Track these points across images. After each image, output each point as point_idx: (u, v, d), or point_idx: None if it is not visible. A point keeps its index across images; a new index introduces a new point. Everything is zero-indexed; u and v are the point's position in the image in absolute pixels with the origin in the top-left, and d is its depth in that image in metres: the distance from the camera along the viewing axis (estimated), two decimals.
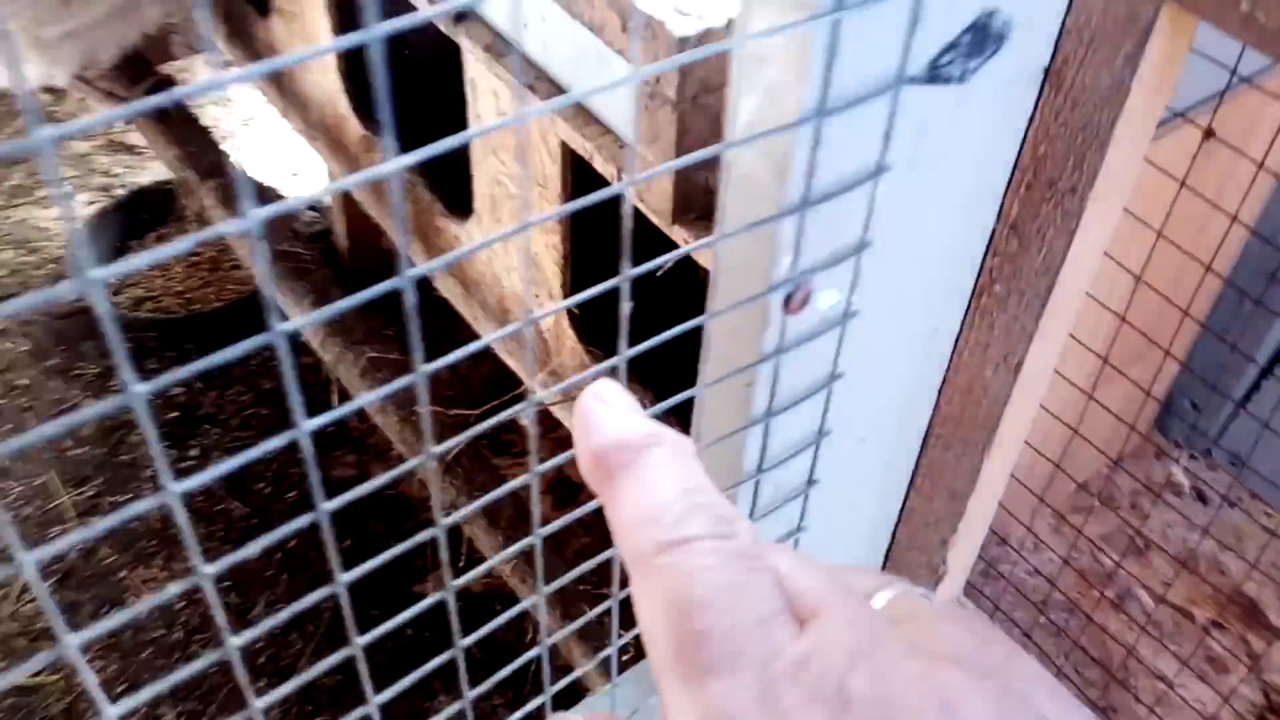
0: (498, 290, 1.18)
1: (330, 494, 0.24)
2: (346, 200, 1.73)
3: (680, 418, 0.37)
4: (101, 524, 0.19)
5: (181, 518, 0.21)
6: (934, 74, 0.39)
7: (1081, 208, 0.68)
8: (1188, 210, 0.97)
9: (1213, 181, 1.01)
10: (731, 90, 0.39)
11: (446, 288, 1.25)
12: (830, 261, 0.42)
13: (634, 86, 0.68)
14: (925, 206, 0.46)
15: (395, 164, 0.21)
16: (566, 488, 1.70)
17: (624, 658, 0.82)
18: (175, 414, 1.76)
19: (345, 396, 1.60)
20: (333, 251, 1.83)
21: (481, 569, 0.33)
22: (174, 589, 0.22)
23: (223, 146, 1.56)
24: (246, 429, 1.74)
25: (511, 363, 1.28)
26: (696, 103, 0.70)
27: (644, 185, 0.74)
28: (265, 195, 1.68)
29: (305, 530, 0.24)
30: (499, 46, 0.85)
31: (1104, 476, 1.27)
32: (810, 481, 0.52)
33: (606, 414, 0.26)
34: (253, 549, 0.23)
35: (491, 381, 1.74)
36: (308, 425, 0.24)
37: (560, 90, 0.87)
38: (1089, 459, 1.22)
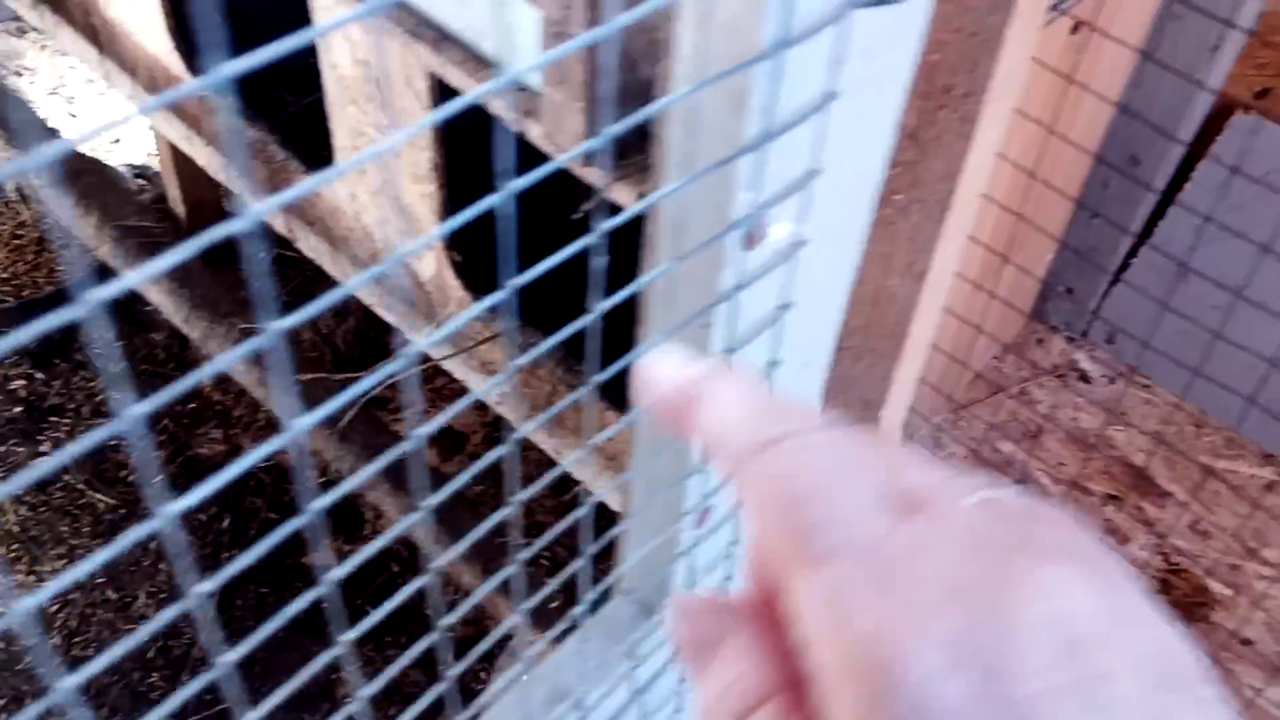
0: (369, 246, 1.13)
1: (200, 472, 0.22)
2: (180, 165, 1.63)
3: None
4: None
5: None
6: None
7: (977, 111, 0.68)
8: (1051, 94, 0.99)
9: (1075, 64, 1.02)
10: (680, 26, 0.36)
11: (311, 246, 1.19)
12: (785, 194, 0.40)
13: (537, 23, 0.64)
14: (867, 128, 0.44)
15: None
16: (452, 437, 1.66)
17: (552, 605, 0.78)
18: (20, 409, 1.66)
19: (224, 378, 1.53)
20: (169, 217, 1.73)
21: (381, 541, 0.31)
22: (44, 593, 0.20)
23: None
24: (100, 416, 1.65)
25: (390, 318, 1.23)
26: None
27: (552, 125, 0.70)
28: (88, 166, 1.57)
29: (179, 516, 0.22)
30: None
31: (993, 367, 1.30)
32: None
33: (668, 360, 0.28)
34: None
35: (361, 341, 1.68)
36: (137, 410, 0.20)
37: (428, 24, 0.82)
38: (979, 351, 1.24)
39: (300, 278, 1.72)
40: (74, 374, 1.69)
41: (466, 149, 0.96)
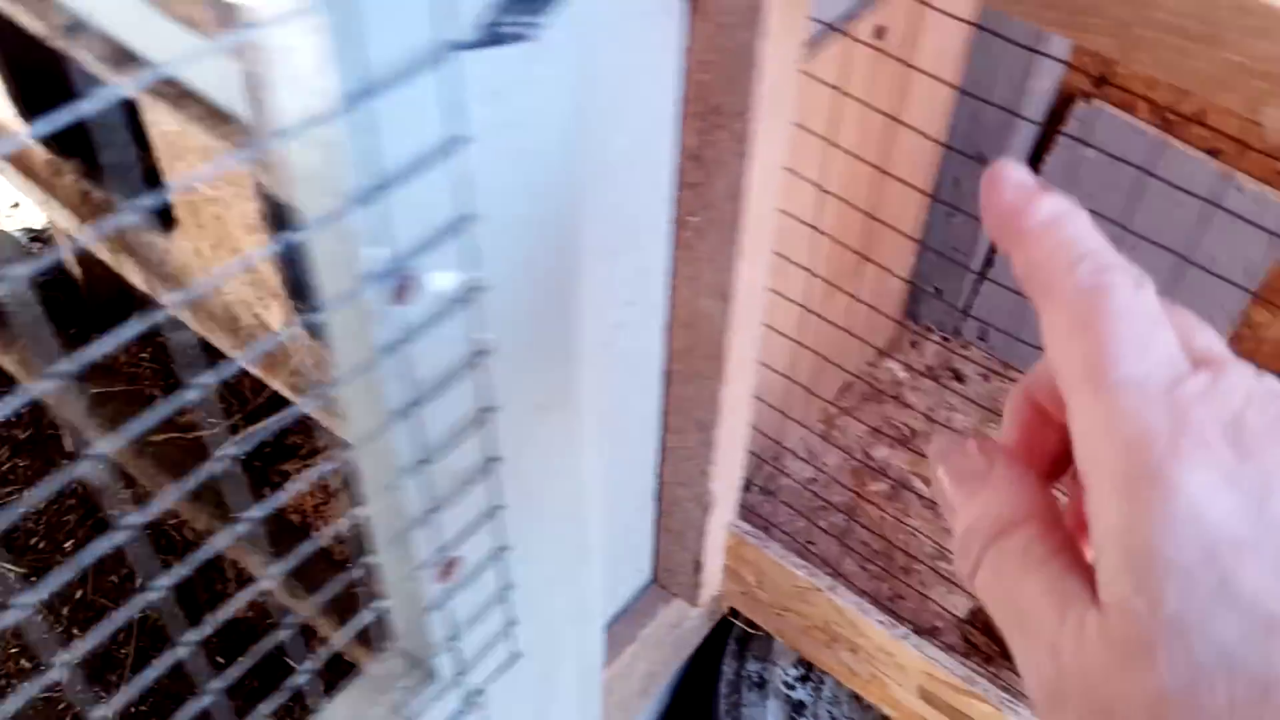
0: (219, 298, 1.12)
1: None
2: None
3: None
4: None
5: None
6: (493, 36, 0.36)
7: (749, 130, 0.67)
8: (892, 94, 0.99)
9: (899, 66, 1.02)
10: (268, 84, 0.36)
11: (171, 302, 1.17)
12: (430, 244, 0.39)
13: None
14: (542, 166, 0.43)
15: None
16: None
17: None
18: None
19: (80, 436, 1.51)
20: (71, 283, 1.71)
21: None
22: None
23: None
24: None
25: (258, 372, 1.21)
26: None
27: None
28: None
29: None
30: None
31: (868, 371, 1.30)
32: (491, 459, 0.50)
33: (1016, 174, 0.31)
34: None
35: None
36: None
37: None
38: (853, 356, 1.24)
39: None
40: None
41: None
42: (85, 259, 1.65)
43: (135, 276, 1.17)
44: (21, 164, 1.21)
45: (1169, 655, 0.24)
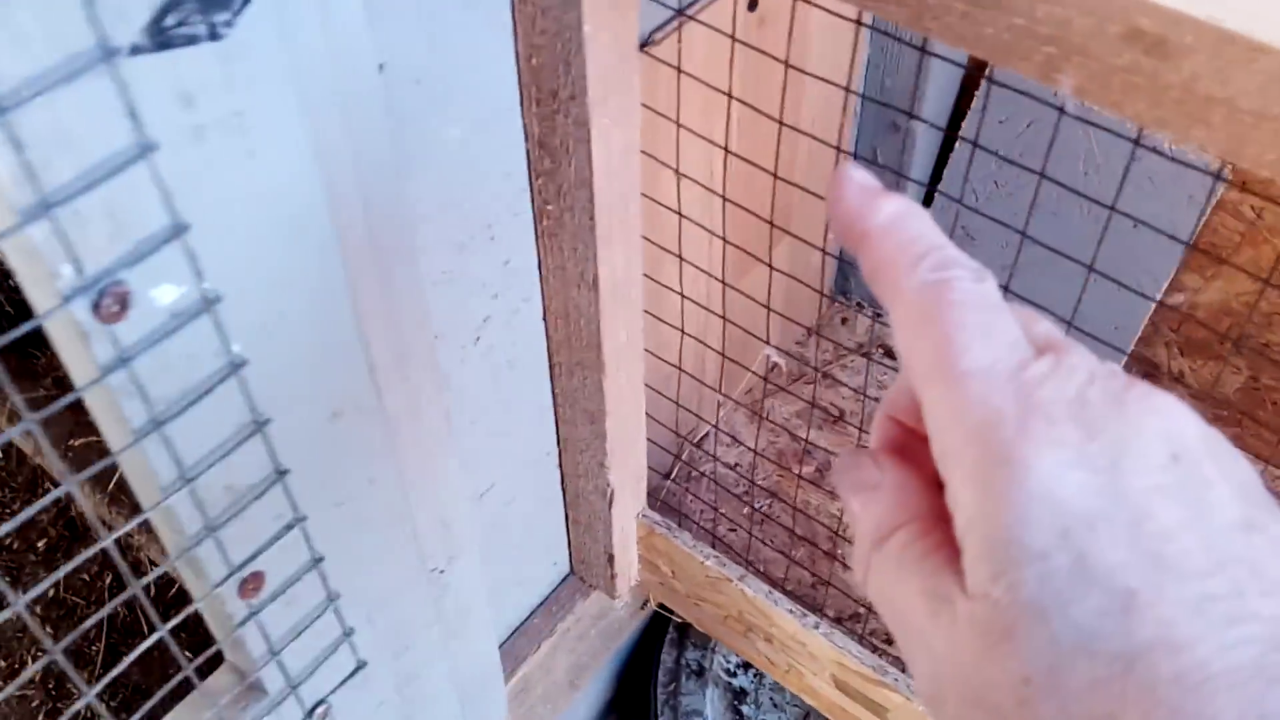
0: None
1: None
2: None
3: None
4: None
5: None
6: (165, 39, 0.34)
7: (586, 113, 0.65)
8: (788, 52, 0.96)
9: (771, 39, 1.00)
10: None
11: None
12: (136, 257, 0.37)
13: None
14: (275, 167, 0.41)
15: None
16: None
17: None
18: None
19: None
20: None
21: None
22: None
23: None
24: None
25: None
26: None
27: None
28: None
29: None
30: None
31: (797, 352, 1.28)
32: (281, 472, 0.48)
33: (859, 176, 0.31)
34: None
35: None
36: None
37: None
38: (780, 336, 1.22)
39: None
40: None
41: None
42: None
43: None
44: None
45: (1030, 639, 0.24)
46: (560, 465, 0.96)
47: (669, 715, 1.27)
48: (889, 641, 1.05)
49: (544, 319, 0.82)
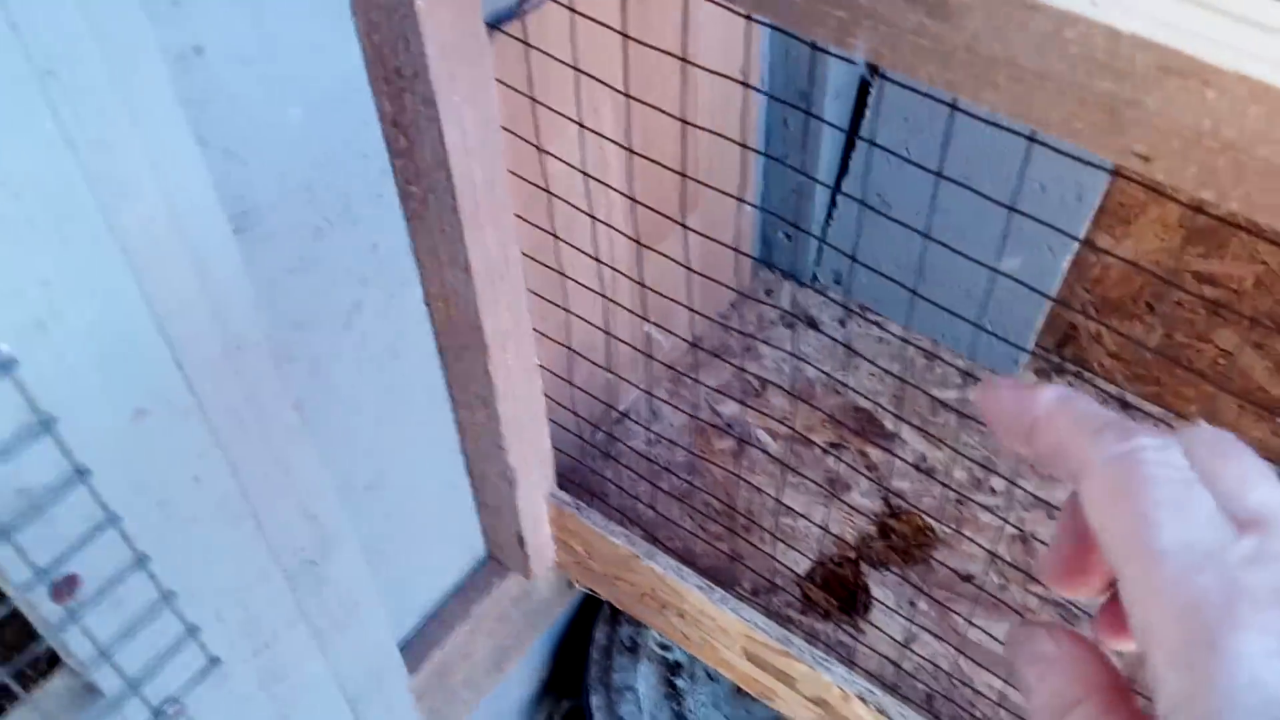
0: None
1: None
2: None
3: None
4: None
5: None
6: None
7: (432, 90, 0.63)
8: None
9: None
10: None
11: None
12: None
13: None
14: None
15: None
16: None
17: None
18: None
19: None
20: None
21: None
22: None
23: None
24: None
25: None
26: None
27: None
28: None
29: None
30: None
31: (719, 325, 1.27)
32: (80, 472, 0.47)
33: (1005, 381, 0.32)
34: None
35: None
36: None
37: None
38: (704, 308, 1.21)
39: None
40: None
41: None
42: None
43: None
44: None
45: None
46: (464, 450, 0.95)
47: (602, 692, 1.26)
48: (802, 612, 1.04)
49: (426, 303, 0.80)
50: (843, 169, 1.19)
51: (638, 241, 0.92)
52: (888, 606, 1.04)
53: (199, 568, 0.57)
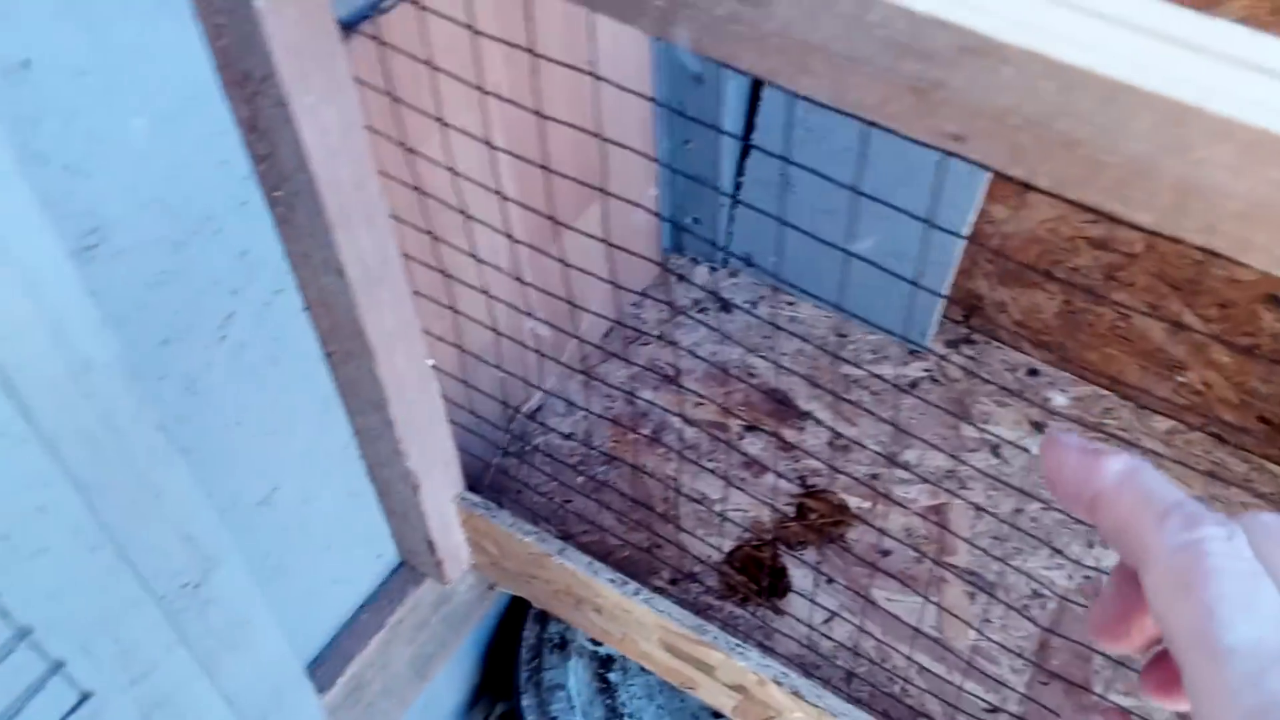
0: None
1: None
2: None
3: None
4: None
5: None
6: None
7: (285, 94, 0.62)
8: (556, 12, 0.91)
9: None
10: None
11: None
12: None
13: None
14: None
15: None
16: None
17: None
18: None
19: None
20: None
21: None
22: None
23: None
24: None
25: None
26: None
27: None
28: None
29: None
30: None
31: (633, 314, 1.26)
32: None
33: (1072, 440, 0.32)
34: None
35: None
36: None
37: None
38: (616, 299, 1.20)
39: None
40: None
41: None
42: None
43: None
44: None
45: None
46: (363, 455, 0.93)
47: (532, 692, 1.25)
48: (721, 598, 1.04)
49: (306, 309, 0.78)
50: (744, 150, 1.19)
51: (530, 245, 0.91)
52: (804, 589, 1.04)
53: (56, 600, 0.55)
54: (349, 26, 0.75)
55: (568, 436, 1.15)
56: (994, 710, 0.97)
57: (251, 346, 0.75)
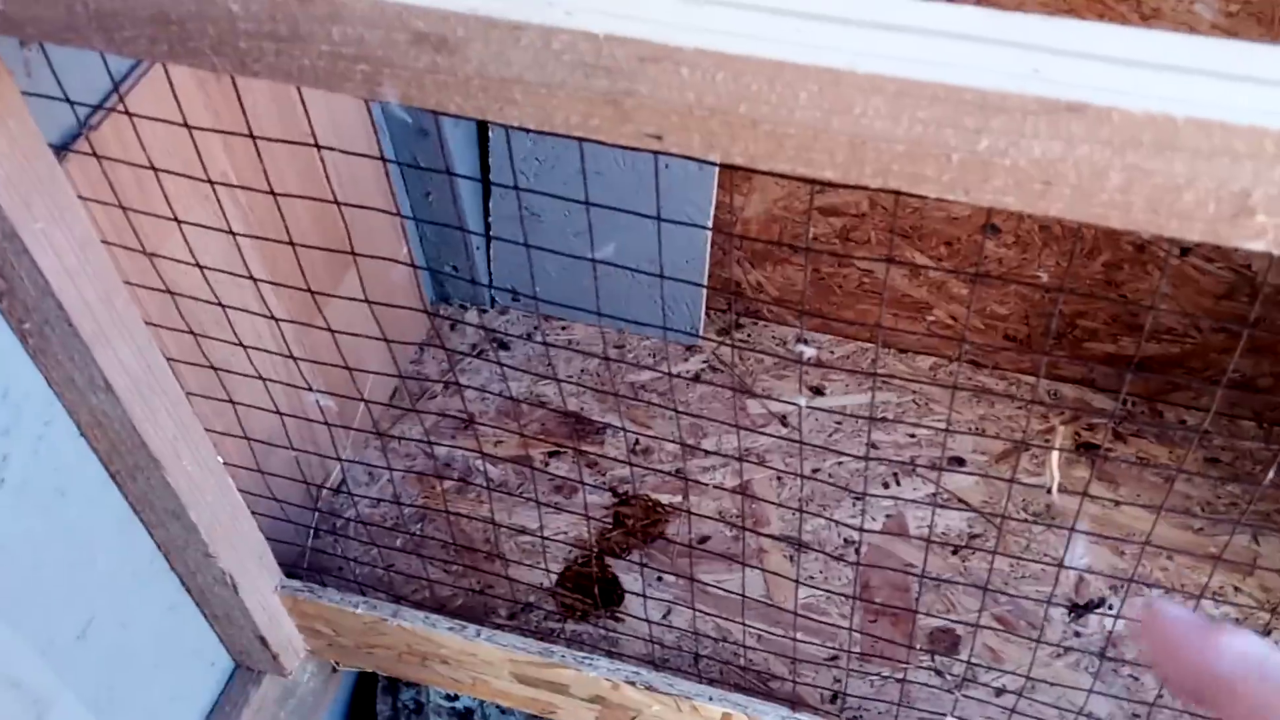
0: None
1: None
2: None
3: None
4: None
5: None
6: None
7: (11, 223, 0.61)
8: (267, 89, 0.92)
9: None
10: None
11: None
12: None
13: None
14: None
15: None
16: None
17: None
18: None
19: None
20: None
21: None
22: None
23: None
24: None
25: None
26: None
27: None
28: None
29: None
30: None
31: (415, 370, 1.27)
32: None
33: (1176, 612, 0.28)
34: None
35: None
36: None
37: None
38: (397, 359, 1.20)
39: None
40: None
41: None
42: None
43: None
44: None
45: None
46: (173, 568, 0.91)
47: None
48: (562, 620, 1.06)
49: (82, 434, 0.77)
50: (485, 190, 1.22)
51: (291, 320, 0.92)
52: (637, 590, 1.08)
53: None
54: (63, 149, 0.74)
55: (377, 502, 1.15)
56: (835, 655, 1.03)
57: (33, 483, 0.73)
